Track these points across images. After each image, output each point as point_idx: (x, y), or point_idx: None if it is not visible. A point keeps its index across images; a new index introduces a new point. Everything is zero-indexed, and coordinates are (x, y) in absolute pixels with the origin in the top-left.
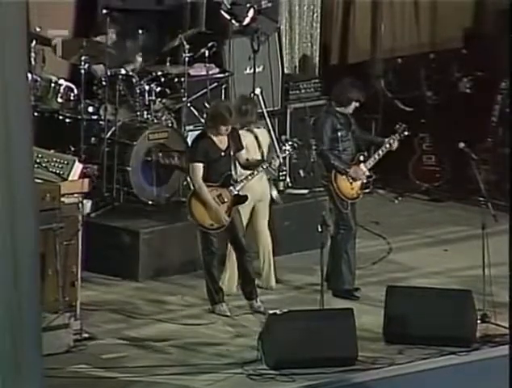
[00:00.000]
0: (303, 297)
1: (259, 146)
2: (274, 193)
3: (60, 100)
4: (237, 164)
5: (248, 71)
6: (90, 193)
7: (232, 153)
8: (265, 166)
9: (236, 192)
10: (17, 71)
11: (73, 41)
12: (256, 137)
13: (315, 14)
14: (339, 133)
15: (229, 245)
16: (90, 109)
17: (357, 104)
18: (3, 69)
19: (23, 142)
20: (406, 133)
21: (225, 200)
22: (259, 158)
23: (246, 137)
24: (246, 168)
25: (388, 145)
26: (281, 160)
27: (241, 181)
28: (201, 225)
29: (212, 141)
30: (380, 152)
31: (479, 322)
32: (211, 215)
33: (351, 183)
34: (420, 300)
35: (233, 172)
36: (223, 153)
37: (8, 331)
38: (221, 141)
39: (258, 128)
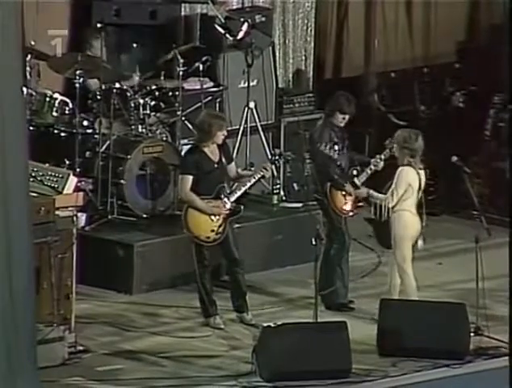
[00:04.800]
0: (296, 310)
1: (420, 187)
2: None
3: (55, 114)
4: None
5: (242, 85)
6: (85, 206)
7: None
8: (256, 178)
9: (230, 204)
10: (12, 85)
11: (68, 56)
12: (419, 177)
13: (309, 29)
14: (335, 147)
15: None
16: (85, 123)
17: (345, 116)
18: None
19: (18, 156)
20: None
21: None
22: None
23: (410, 174)
24: (236, 181)
25: (372, 167)
26: (275, 173)
27: (235, 193)
28: (197, 238)
29: (205, 153)
30: (368, 171)
31: (472, 334)
32: (207, 224)
33: (345, 198)
34: (414, 313)
35: (226, 184)
36: (216, 165)
37: (3, 344)
38: (213, 153)
39: (420, 169)
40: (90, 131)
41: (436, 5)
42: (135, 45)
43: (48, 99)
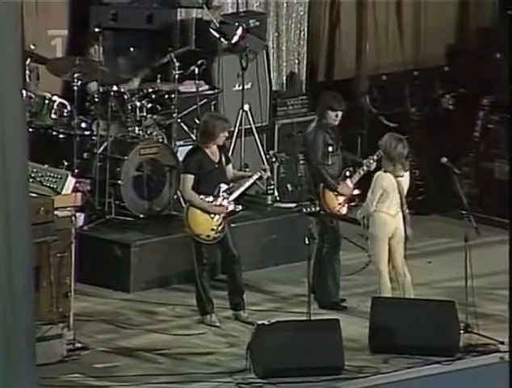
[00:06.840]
0: (290, 308)
1: (399, 191)
2: (408, 231)
3: (53, 116)
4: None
5: (237, 88)
6: (83, 207)
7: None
8: (254, 179)
9: (229, 203)
10: (12, 88)
11: (66, 59)
12: (398, 182)
13: (302, 33)
14: (329, 148)
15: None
16: (83, 125)
17: (337, 113)
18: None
19: (18, 157)
20: None
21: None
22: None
23: (384, 180)
24: (234, 181)
25: (365, 168)
26: (269, 174)
27: (235, 192)
28: (197, 236)
29: (206, 153)
30: (361, 171)
31: (462, 332)
32: (208, 223)
33: (337, 198)
34: (404, 310)
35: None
36: (216, 166)
37: (3, 342)
38: (214, 154)
39: (402, 175)
40: (87, 133)
41: (426, 9)
42: (132, 49)
43: (46, 101)
